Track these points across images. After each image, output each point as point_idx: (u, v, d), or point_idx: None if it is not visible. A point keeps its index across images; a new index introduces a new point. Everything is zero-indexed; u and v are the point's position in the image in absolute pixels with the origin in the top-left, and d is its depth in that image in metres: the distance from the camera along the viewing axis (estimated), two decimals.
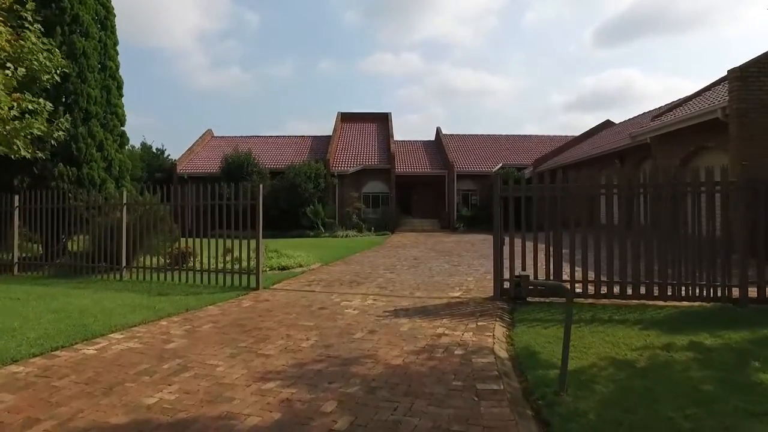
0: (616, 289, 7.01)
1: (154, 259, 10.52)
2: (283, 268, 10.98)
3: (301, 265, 11.42)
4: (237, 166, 26.64)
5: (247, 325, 5.97)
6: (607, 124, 26.89)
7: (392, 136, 30.50)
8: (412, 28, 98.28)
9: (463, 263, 12.12)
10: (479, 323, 5.97)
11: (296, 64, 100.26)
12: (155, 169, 29.65)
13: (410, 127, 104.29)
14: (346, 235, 24.23)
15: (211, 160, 29.05)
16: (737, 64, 10.81)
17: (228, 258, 10.02)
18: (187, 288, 8.87)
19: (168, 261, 10.34)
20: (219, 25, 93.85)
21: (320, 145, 30.99)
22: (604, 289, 7.06)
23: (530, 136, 34.88)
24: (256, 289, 8.61)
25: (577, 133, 32.59)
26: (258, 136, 34.00)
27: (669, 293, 6.76)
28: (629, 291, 6.93)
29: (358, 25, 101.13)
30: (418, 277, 9.97)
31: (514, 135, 34.90)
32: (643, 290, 6.89)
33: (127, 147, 27.89)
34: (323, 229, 25.23)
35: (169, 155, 31.26)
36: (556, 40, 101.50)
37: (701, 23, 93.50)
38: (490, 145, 32.94)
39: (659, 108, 19.75)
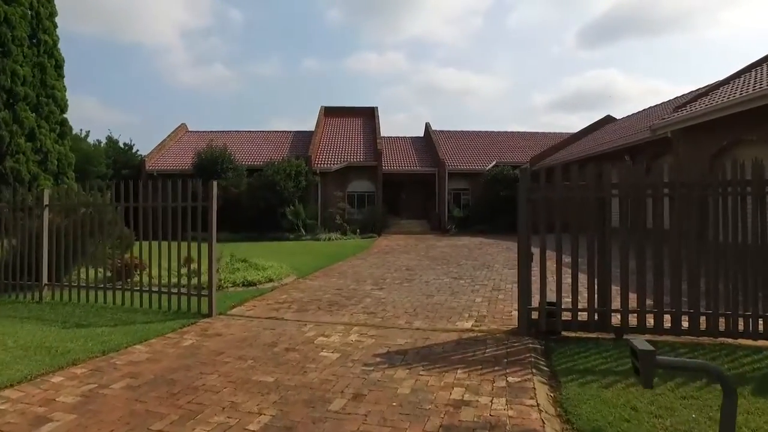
0: (685, 323, 5.25)
1: (101, 273, 8.54)
2: (249, 284, 9.06)
3: (271, 280, 9.51)
4: (210, 162, 24.59)
5: (178, 384, 4.09)
6: (608, 120, 25.38)
7: (379, 132, 28.64)
8: (396, 28, 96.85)
9: (465, 275, 10.32)
10: (510, 378, 4.18)
11: (281, 63, 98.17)
12: (123, 165, 27.40)
13: (396, 126, 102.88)
14: (329, 238, 22.33)
15: (184, 156, 26.91)
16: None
17: (187, 271, 8.08)
18: (122, 314, 6.93)
19: (109, 275, 8.36)
20: (203, 22, 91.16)
21: (302, 140, 29.01)
22: (667, 322, 5.29)
23: (525, 132, 33.31)
24: (209, 315, 6.70)
25: (562, 132, 31.23)
26: (235, 131, 31.88)
27: (761, 329, 5.02)
28: (703, 325, 5.18)
29: (343, 24, 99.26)
30: (414, 296, 8.13)
31: (508, 132, 33.30)
32: (722, 324, 5.14)
33: (88, 140, 25.70)
34: (304, 231, 23.28)
35: (138, 151, 29.08)
36: (539, 41, 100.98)
37: (681, 26, 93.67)
38: (483, 141, 31.28)
39: (679, 98, 18.25)
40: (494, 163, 27.56)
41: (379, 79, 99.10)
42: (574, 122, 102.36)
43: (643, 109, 23.04)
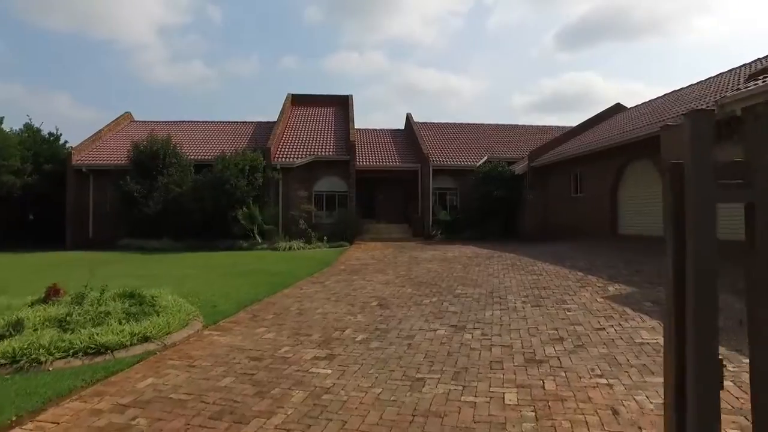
0: None
1: None
2: (99, 351, 5.14)
3: (147, 338, 5.59)
4: (150, 157, 20.41)
5: None
6: (619, 108, 21.97)
7: (352, 122, 24.76)
8: (376, 27, 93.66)
9: (468, 319, 6.57)
10: None
11: (259, 61, 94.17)
12: (47, 159, 22.95)
13: (375, 126, 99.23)
14: (290, 247, 18.41)
15: (123, 149, 22.56)
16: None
17: None
18: None
19: None
20: (181, 20, 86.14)
21: (265, 132, 24.91)
22: None
23: (519, 126, 29.81)
24: None
25: (560, 126, 27.96)
26: (189, 122, 27.65)
27: None
28: None
29: (322, 22, 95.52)
30: (388, 382, 4.34)
31: (500, 124, 29.75)
32: None
33: (2, 127, 21.22)
34: (260, 238, 19.29)
35: (66, 142, 24.62)
36: (519, 42, 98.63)
37: (657, 31, 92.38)
38: (472, 135, 27.67)
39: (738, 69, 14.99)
40: (485, 158, 23.97)
41: (358, 79, 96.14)
42: (553, 123, 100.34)
43: (656, 97, 19.72)
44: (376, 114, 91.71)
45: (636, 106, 20.87)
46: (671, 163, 1.70)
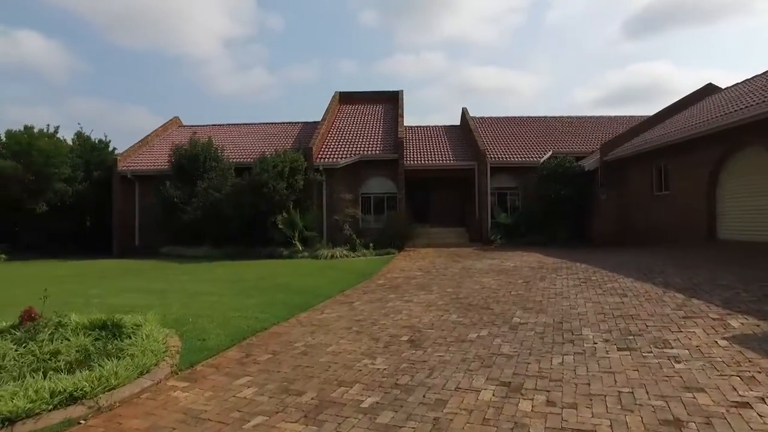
0: None
1: None
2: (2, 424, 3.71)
3: (76, 399, 4.09)
4: (190, 161, 19.66)
5: None
6: (710, 90, 18.81)
7: (401, 118, 22.97)
8: (432, 28, 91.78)
9: (529, 372, 4.61)
10: None
11: (319, 67, 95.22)
12: (96, 166, 22.88)
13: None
14: (332, 256, 16.91)
15: (168, 154, 22.03)
16: None
17: None
18: None
19: None
20: (244, 31, 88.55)
21: (311, 133, 23.63)
22: None
23: (586, 117, 26.84)
24: None
25: (633, 116, 24.90)
26: (234, 124, 26.94)
27: None
28: None
29: (377, 26, 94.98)
30: None
31: (565, 117, 26.93)
32: None
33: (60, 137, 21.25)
34: (301, 245, 17.94)
35: (115, 149, 24.56)
36: (581, 35, 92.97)
37: (737, 11, 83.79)
38: (534, 129, 25.12)
39: None
40: (550, 153, 21.46)
41: (415, 81, 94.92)
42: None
43: (760, 74, 16.50)
44: (434, 116, 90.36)
45: (733, 85, 17.68)
46: None
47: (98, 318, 6.20)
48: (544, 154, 21.56)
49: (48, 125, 22.95)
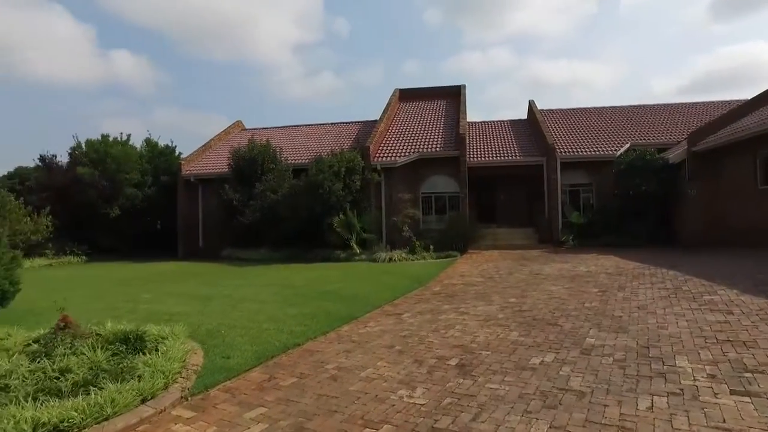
0: None
1: None
2: None
3: (61, 431, 3.59)
4: (249, 163, 19.66)
5: None
6: None
7: (464, 113, 21.79)
8: (498, 24, 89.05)
9: (606, 420, 3.57)
10: None
11: (384, 68, 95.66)
12: (163, 171, 23.59)
13: None
14: (390, 259, 16.16)
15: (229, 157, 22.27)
16: None
17: None
18: None
19: None
20: (312, 36, 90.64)
21: (371, 132, 23.06)
22: None
23: (669, 104, 24.36)
24: None
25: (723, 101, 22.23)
26: (294, 126, 26.91)
27: None
28: None
29: (441, 25, 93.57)
30: None
31: (644, 105, 24.56)
32: None
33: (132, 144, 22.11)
34: (359, 248, 17.34)
35: (180, 153, 25.16)
36: (660, 20, 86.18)
37: None
38: (609, 120, 23.08)
39: None
40: (627, 146, 19.52)
41: (482, 78, 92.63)
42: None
43: None
44: (502, 113, 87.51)
45: None
46: None
47: (122, 330, 5.79)
48: (621, 146, 19.64)
49: (121, 133, 24.04)
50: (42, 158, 24.04)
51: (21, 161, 54.28)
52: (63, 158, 24.10)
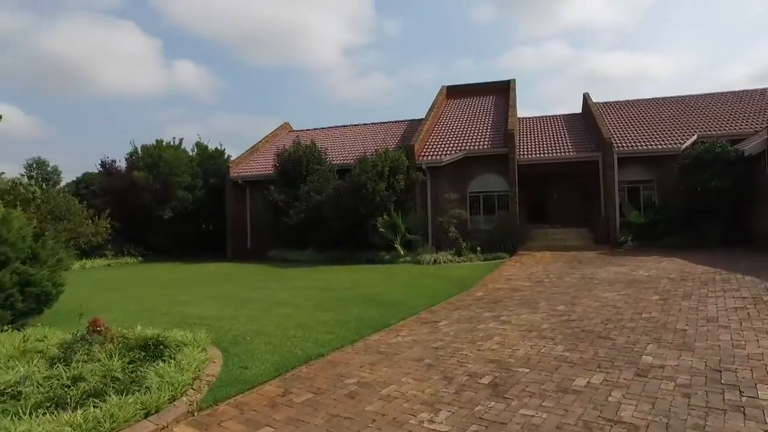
0: None
1: None
2: None
3: None
4: (294, 164, 19.67)
5: None
6: None
7: (513, 109, 20.86)
8: (551, 17, 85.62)
9: None
10: None
11: (436, 67, 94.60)
12: (213, 173, 24.10)
13: None
14: (435, 261, 15.63)
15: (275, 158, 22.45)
16: None
17: None
18: None
19: None
20: (362, 38, 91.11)
21: (416, 131, 22.58)
22: None
23: (741, 91, 22.32)
24: None
25: None
26: (340, 126, 26.83)
27: None
28: None
29: (493, 21, 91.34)
30: None
31: (712, 93, 22.69)
32: None
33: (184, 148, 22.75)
34: (403, 249, 16.91)
35: (229, 156, 25.60)
36: (729, 2, 79.90)
37: None
38: (672, 110, 21.44)
39: None
40: (694, 138, 18.01)
41: (536, 74, 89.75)
42: None
43: None
44: (557, 109, 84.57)
45: None
46: None
47: (142, 335, 5.63)
48: (687, 139, 18.13)
49: (174, 138, 24.71)
50: (102, 164, 25.17)
51: (90, 167, 57.76)
52: (122, 163, 25.18)
